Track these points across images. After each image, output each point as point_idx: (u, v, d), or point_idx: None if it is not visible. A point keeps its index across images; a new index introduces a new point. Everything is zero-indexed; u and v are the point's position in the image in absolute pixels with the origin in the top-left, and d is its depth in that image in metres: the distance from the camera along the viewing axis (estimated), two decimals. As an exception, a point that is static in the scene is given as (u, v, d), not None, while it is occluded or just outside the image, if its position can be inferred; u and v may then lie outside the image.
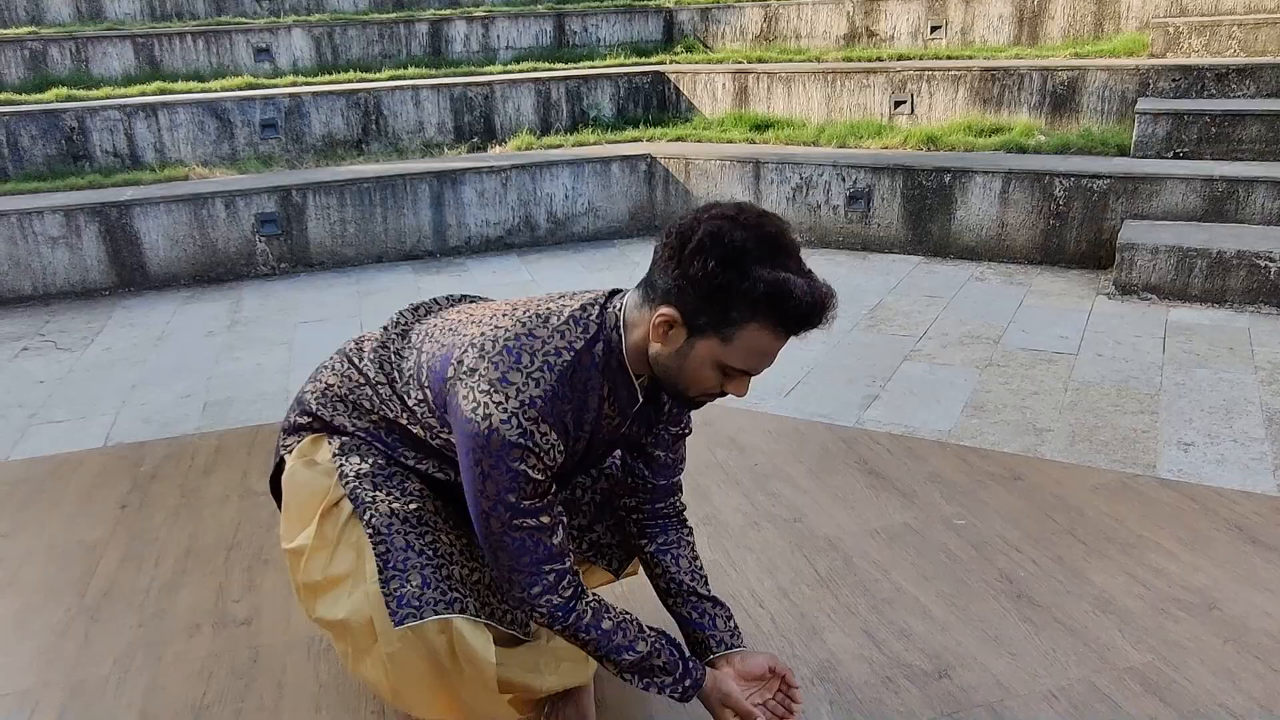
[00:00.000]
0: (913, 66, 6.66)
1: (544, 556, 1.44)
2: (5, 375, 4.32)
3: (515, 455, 1.36)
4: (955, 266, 5.39)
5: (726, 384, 1.42)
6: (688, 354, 1.39)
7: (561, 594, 1.47)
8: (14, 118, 6.30)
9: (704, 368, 1.39)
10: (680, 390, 1.45)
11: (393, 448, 1.61)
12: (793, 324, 1.34)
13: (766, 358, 1.38)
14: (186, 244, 5.67)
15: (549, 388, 1.38)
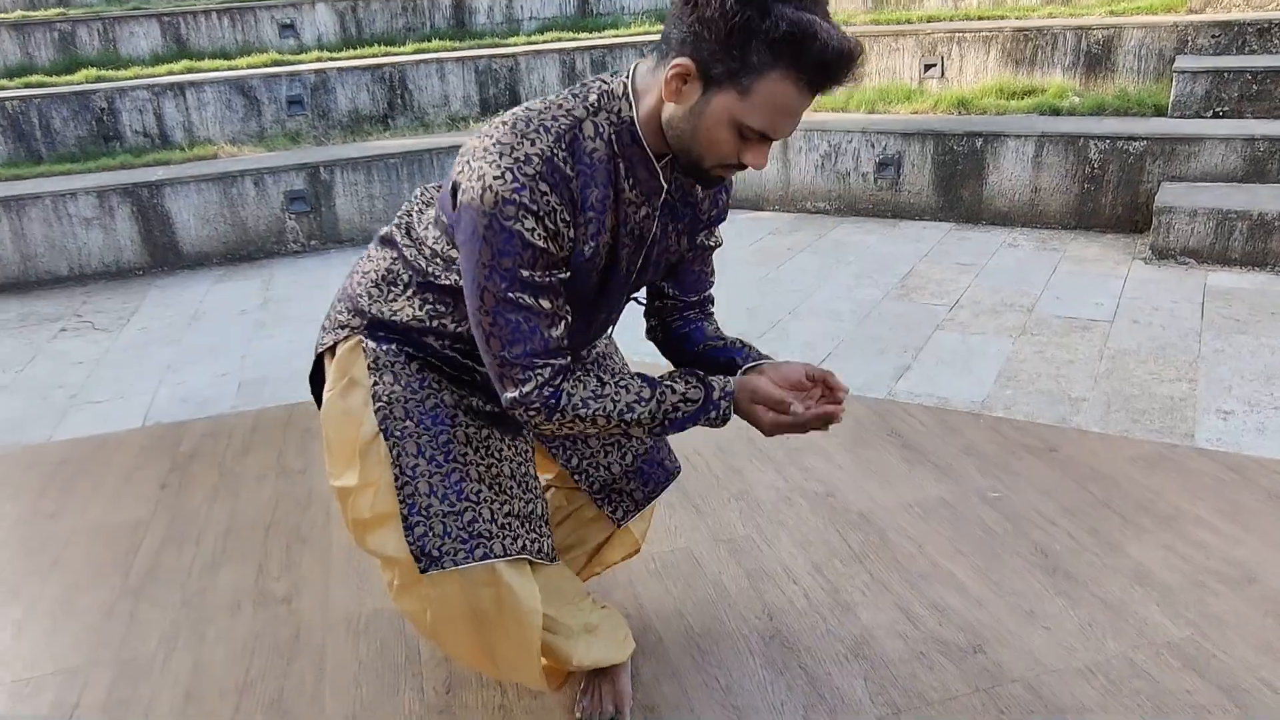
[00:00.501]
0: (943, 28, 6.53)
1: (539, 348, 1.35)
2: (45, 357, 4.39)
3: (510, 213, 1.27)
4: (987, 233, 5.32)
5: (744, 151, 1.31)
6: (703, 111, 1.28)
7: (552, 384, 1.38)
8: (46, 100, 6.35)
9: (720, 127, 1.28)
10: (696, 158, 1.34)
11: (424, 336, 1.54)
12: (816, 74, 1.23)
13: (787, 116, 1.27)
14: (217, 222, 5.71)
15: (545, 147, 1.30)
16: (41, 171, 6.10)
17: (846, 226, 5.59)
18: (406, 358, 1.55)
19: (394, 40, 7.72)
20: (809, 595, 2.16)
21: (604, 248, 1.40)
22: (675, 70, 1.27)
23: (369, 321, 1.56)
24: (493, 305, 1.32)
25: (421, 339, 1.54)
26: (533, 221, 1.28)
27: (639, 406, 1.42)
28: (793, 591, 2.18)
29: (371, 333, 1.56)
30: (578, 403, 1.39)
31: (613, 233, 1.40)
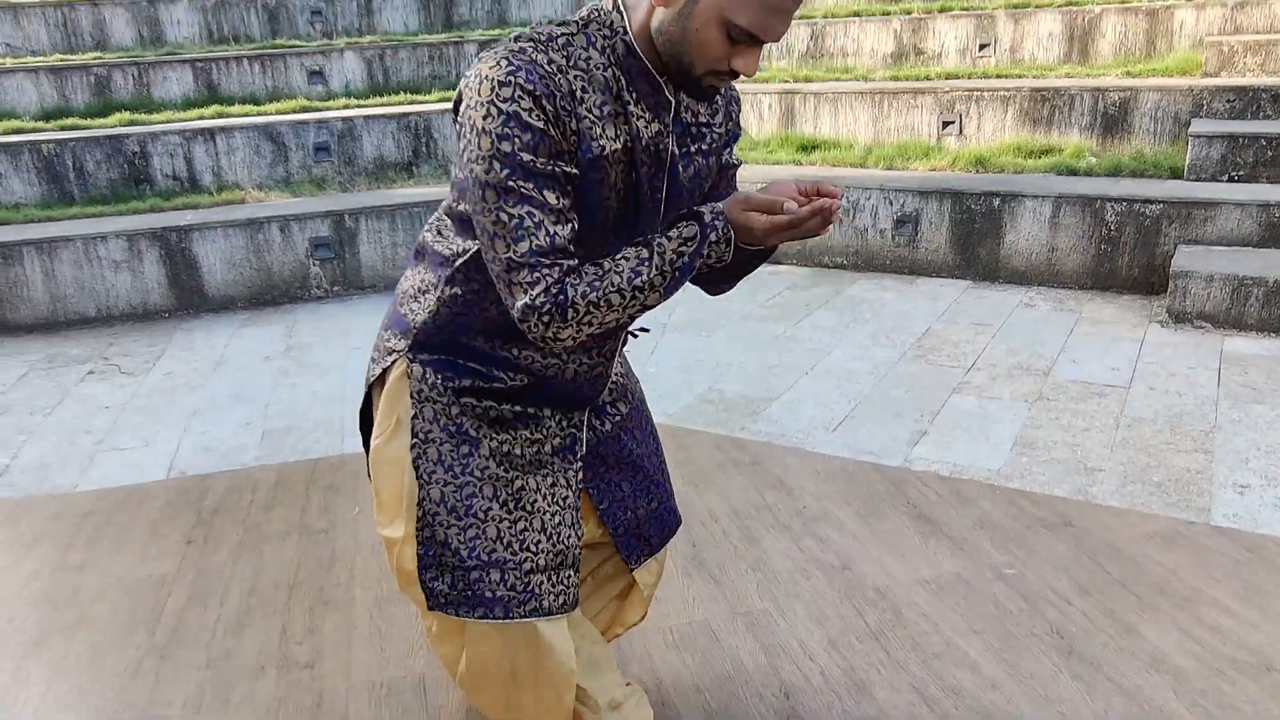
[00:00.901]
0: (961, 86, 6.62)
1: (545, 244, 1.31)
2: (73, 399, 4.47)
3: (506, 94, 1.27)
4: (1004, 292, 5.36)
5: (734, 58, 1.31)
6: (691, 12, 1.29)
7: (559, 284, 1.34)
8: (80, 143, 6.50)
9: (710, 27, 1.28)
10: (687, 64, 1.33)
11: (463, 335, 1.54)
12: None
13: (777, 14, 1.27)
14: (243, 267, 5.81)
15: (539, 46, 1.32)
16: (74, 213, 6.23)
17: (864, 282, 5.64)
18: (451, 392, 1.55)
19: (420, 89, 7.87)
20: (825, 673, 2.18)
21: (614, 156, 1.37)
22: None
23: (413, 340, 1.57)
24: (495, 200, 1.30)
25: (461, 340, 1.54)
26: (529, 102, 1.27)
27: (644, 269, 1.37)
28: (809, 669, 2.20)
29: (416, 353, 1.57)
30: (585, 289, 1.34)
31: (626, 148, 1.39)
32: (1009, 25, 7.42)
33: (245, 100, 7.59)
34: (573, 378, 1.59)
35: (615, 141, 1.37)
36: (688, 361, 4.44)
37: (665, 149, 1.43)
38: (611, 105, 1.36)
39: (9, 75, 7.48)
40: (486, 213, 1.32)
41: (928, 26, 7.74)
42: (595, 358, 1.59)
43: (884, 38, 7.91)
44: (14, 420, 4.25)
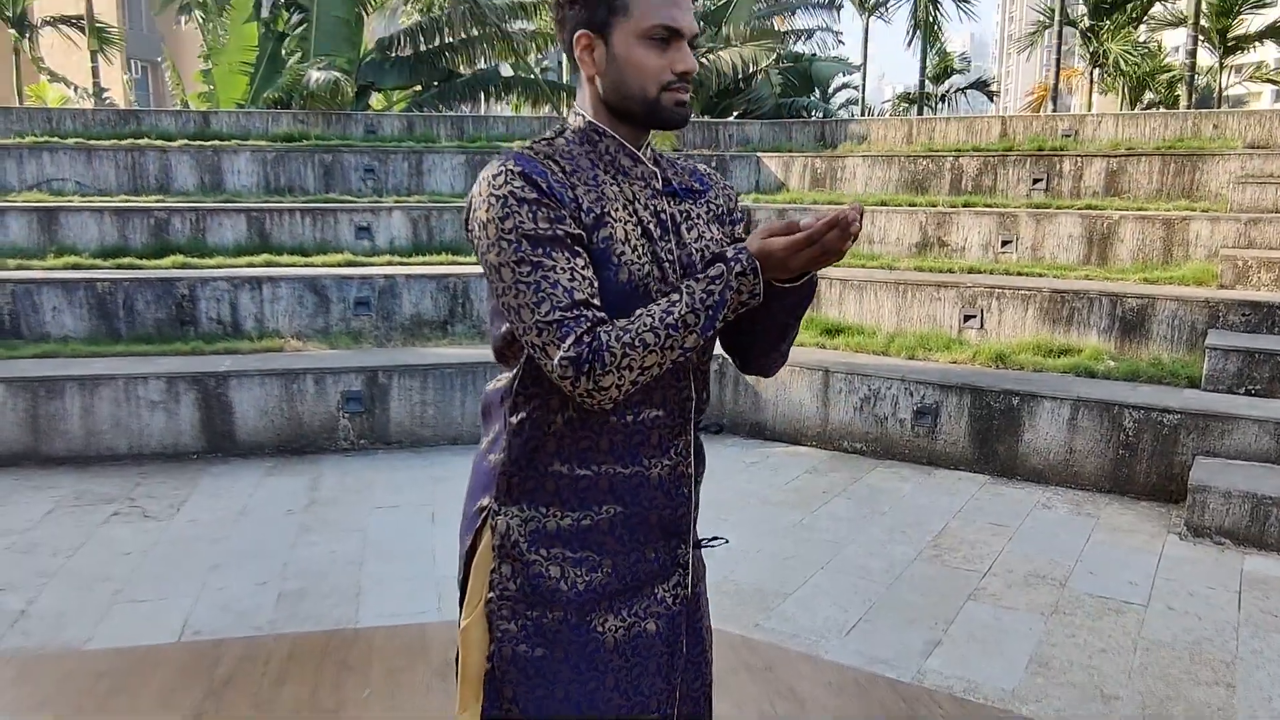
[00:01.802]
0: (983, 282, 6.83)
1: (566, 300, 1.36)
2: (95, 543, 4.53)
3: (501, 180, 1.38)
4: (1022, 490, 5.38)
5: (671, 64, 1.44)
6: (615, 54, 1.44)
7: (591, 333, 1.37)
8: (134, 283, 6.79)
9: (635, 51, 1.43)
10: (641, 94, 1.46)
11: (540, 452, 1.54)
12: None
13: (671, 4, 1.43)
14: (274, 415, 5.95)
15: (525, 149, 1.45)
16: (118, 350, 6.45)
17: (882, 471, 5.69)
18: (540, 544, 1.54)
19: (461, 249, 8.20)
20: None
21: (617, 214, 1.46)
22: (579, 45, 1.47)
23: (497, 489, 1.56)
24: (512, 276, 1.37)
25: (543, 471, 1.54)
26: (522, 180, 1.38)
27: (675, 308, 1.40)
28: None
29: (503, 504, 1.55)
30: (618, 334, 1.37)
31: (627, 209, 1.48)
32: (1030, 225, 7.71)
33: (294, 250, 7.93)
34: (659, 485, 1.56)
35: (615, 203, 1.47)
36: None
37: (664, 210, 1.53)
38: (603, 177, 1.48)
39: (75, 213, 7.88)
40: (507, 291, 1.38)
41: (952, 220, 8.05)
42: (673, 456, 1.58)
43: (909, 228, 8.22)
44: (36, 561, 4.31)
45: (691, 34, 1.48)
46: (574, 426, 1.52)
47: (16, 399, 5.71)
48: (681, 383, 1.58)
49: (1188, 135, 8.88)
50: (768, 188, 10.14)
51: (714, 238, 1.60)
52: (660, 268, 1.50)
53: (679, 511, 1.61)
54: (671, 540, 1.61)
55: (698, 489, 1.66)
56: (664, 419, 1.56)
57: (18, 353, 6.30)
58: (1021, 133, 9.77)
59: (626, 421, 1.53)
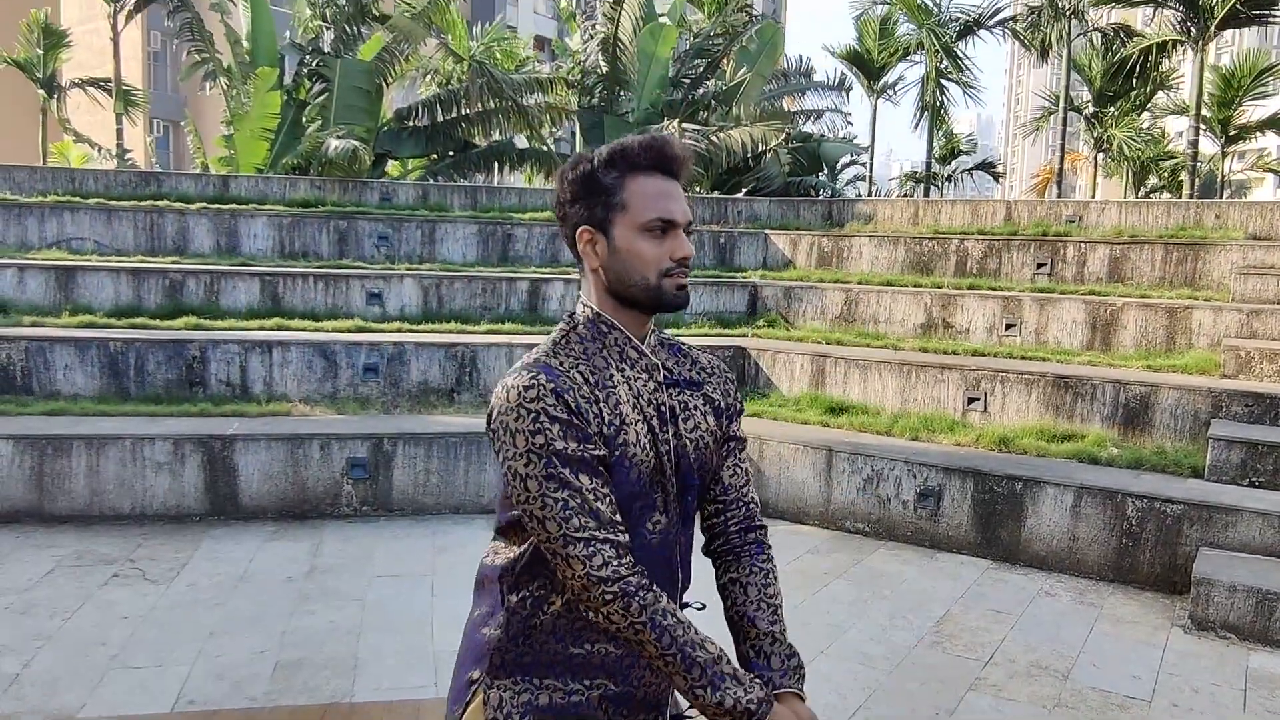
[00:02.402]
0: (987, 366, 6.88)
1: (593, 522, 1.46)
2: (93, 605, 4.52)
3: (532, 395, 1.46)
4: (1025, 576, 5.35)
5: (670, 252, 1.56)
6: (617, 247, 1.55)
7: (629, 568, 1.46)
8: (146, 344, 6.87)
9: (635, 242, 1.55)
10: (643, 282, 1.55)
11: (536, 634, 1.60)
12: (645, 159, 1.56)
13: (664, 197, 1.56)
14: (279, 480, 5.97)
15: (544, 353, 1.55)
16: (126, 410, 6.49)
17: (884, 553, 5.67)
18: (525, 713, 1.58)
19: (470, 319, 8.29)
20: None
21: (630, 418, 1.55)
22: (583, 240, 1.58)
23: (489, 663, 1.61)
24: (538, 489, 1.46)
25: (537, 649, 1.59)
26: (553, 399, 1.47)
27: (701, 653, 1.48)
28: None
29: (494, 678, 1.61)
30: (661, 611, 1.47)
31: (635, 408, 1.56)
32: (1035, 309, 7.79)
33: (305, 314, 8.03)
34: (649, 664, 1.60)
35: (627, 404, 1.55)
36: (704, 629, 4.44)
37: (664, 404, 1.62)
38: (615, 376, 1.57)
39: (93, 272, 8.01)
40: (532, 501, 1.47)
41: (957, 303, 8.13)
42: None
43: (914, 309, 8.30)
44: (34, 623, 4.29)
45: (685, 222, 1.59)
46: (571, 607, 1.58)
47: (24, 456, 5.75)
48: (673, 567, 1.66)
49: (1190, 224, 9.01)
50: (775, 265, 10.27)
51: (710, 428, 1.68)
52: (660, 459, 1.59)
53: (663, 686, 1.68)
54: (651, 713, 1.68)
55: None
56: None
57: (28, 409, 6.35)
58: (1026, 217, 9.91)
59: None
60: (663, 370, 1.63)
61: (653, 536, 1.59)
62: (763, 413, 7.03)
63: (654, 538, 1.59)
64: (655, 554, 1.59)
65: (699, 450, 1.65)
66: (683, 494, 1.63)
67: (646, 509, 1.58)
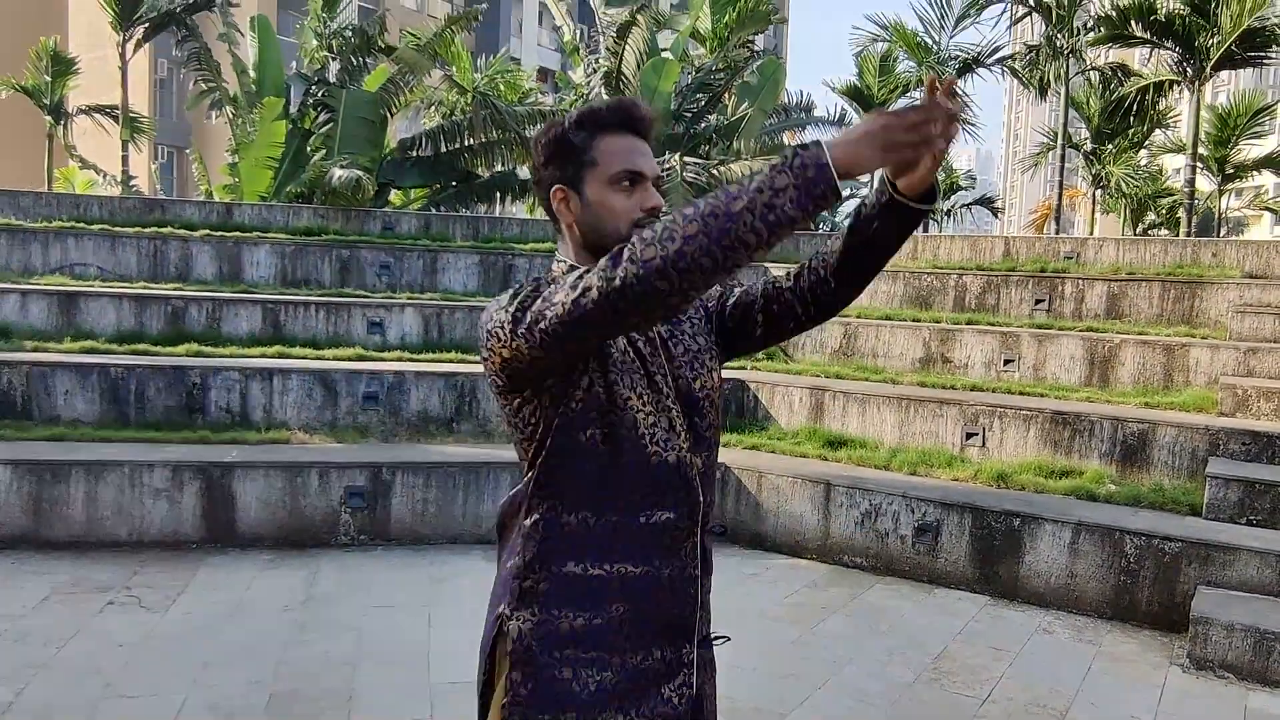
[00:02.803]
0: (985, 401, 6.90)
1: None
2: (88, 634, 4.50)
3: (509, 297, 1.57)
4: (1023, 613, 5.34)
5: (640, 202, 1.62)
6: (589, 201, 1.63)
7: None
8: (147, 370, 6.89)
9: (606, 195, 1.62)
10: (616, 233, 1.58)
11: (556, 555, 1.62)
12: (613, 119, 1.65)
13: (633, 153, 1.63)
14: (277, 508, 5.97)
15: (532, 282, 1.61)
16: (126, 435, 6.50)
17: (882, 589, 5.66)
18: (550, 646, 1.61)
19: (470, 349, 8.30)
20: None
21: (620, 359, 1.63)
22: (556, 199, 1.66)
23: (511, 594, 1.65)
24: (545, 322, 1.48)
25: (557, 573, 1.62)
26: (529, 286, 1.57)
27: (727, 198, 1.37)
28: None
29: (515, 609, 1.64)
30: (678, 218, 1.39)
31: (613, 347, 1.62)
32: (1033, 345, 7.82)
33: (307, 342, 8.05)
34: (668, 585, 1.64)
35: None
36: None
37: (652, 333, 1.70)
38: None
39: (95, 298, 8.05)
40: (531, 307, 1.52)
41: (955, 338, 8.17)
42: (682, 558, 1.66)
43: (913, 343, 8.33)
44: (28, 651, 4.28)
45: (653, 176, 1.67)
46: (587, 526, 1.62)
47: (21, 481, 5.75)
48: (691, 485, 1.67)
49: (1187, 262, 9.06)
50: (774, 297, 10.30)
51: (701, 347, 1.77)
52: (652, 381, 1.65)
53: (685, 611, 1.68)
54: (677, 640, 1.67)
55: (705, 591, 1.73)
56: (675, 521, 1.65)
57: (27, 434, 6.36)
58: (1024, 253, 9.97)
59: (639, 522, 1.63)
60: None
61: (668, 454, 1.63)
62: (761, 445, 7.03)
63: (669, 454, 1.63)
64: (672, 471, 1.64)
65: (695, 368, 1.72)
66: (690, 413, 1.69)
67: (656, 427, 1.63)
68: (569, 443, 1.61)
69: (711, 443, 1.74)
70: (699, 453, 1.69)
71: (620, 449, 1.61)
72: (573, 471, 1.62)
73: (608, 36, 13.04)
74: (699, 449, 1.69)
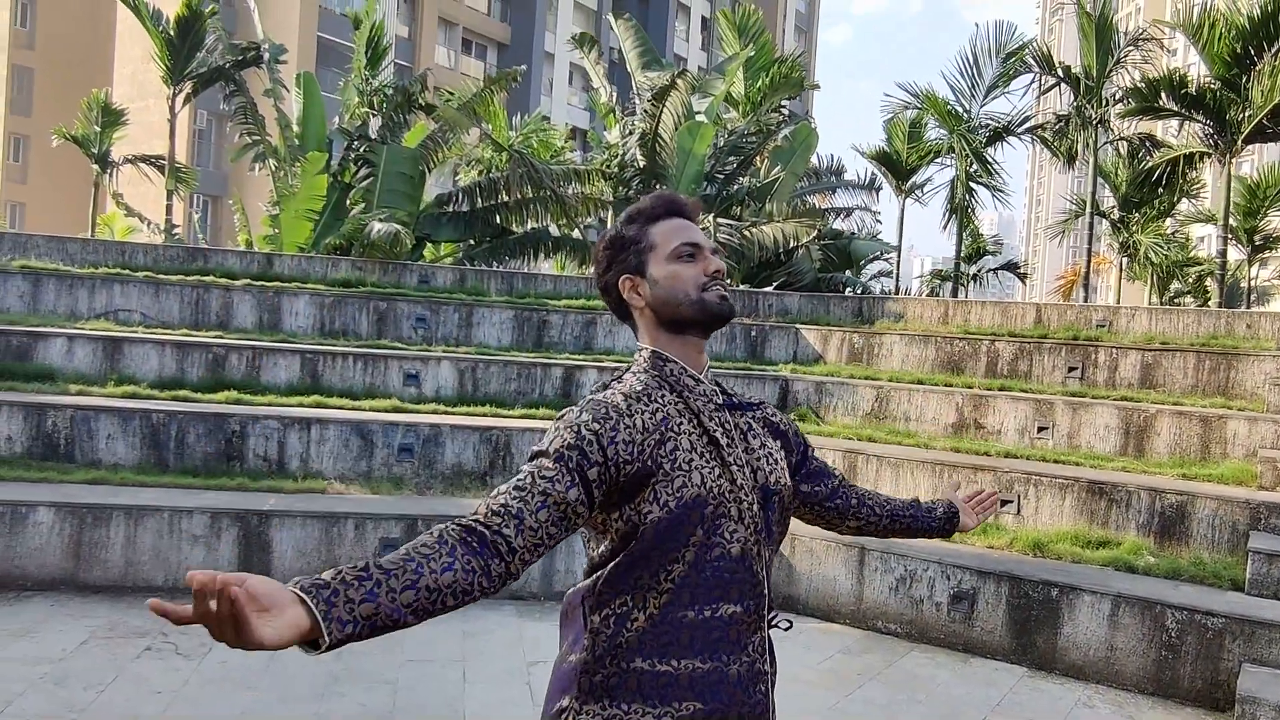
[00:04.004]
0: (1020, 468, 6.87)
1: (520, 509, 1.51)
2: (126, 680, 4.52)
3: (568, 419, 1.63)
4: (1061, 686, 5.25)
5: (704, 269, 1.75)
6: (656, 279, 1.75)
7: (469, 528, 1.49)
8: (188, 416, 6.99)
9: (670, 270, 1.74)
10: (686, 298, 1.73)
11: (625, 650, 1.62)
12: (660, 209, 1.81)
13: (687, 229, 1.79)
14: (312, 557, 6.00)
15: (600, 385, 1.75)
16: (165, 481, 6.57)
17: (917, 656, 5.59)
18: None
19: (505, 402, 8.39)
20: None
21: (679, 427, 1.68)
22: (626, 289, 1.78)
23: (578, 689, 1.63)
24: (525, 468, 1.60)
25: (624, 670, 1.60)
26: (570, 434, 1.59)
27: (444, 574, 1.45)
28: None
29: (583, 703, 1.62)
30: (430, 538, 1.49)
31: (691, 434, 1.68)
32: (1067, 413, 7.79)
33: (344, 393, 8.15)
34: (738, 682, 1.63)
35: (678, 419, 1.68)
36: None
37: (728, 422, 1.75)
38: (669, 396, 1.71)
39: (139, 344, 8.19)
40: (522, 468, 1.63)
41: (989, 404, 8.16)
42: (750, 653, 1.66)
43: (945, 408, 8.33)
44: (69, 694, 4.31)
45: (709, 247, 1.80)
46: (655, 623, 1.61)
47: (64, 523, 5.82)
48: (757, 577, 1.68)
49: (1221, 333, 9.04)
50: (805, 359, 10.35)
51: (774, 449, 1.81)
52: (729, 472, 1.67)
53: (756, 711, 1.66)
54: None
55: (773, 689, 1.71)
56: (741, 615, 1.65)
57: (69, 476, 6.45)
58: (1056, 320, 9.98)
59: (705, 617, 1.62)
60: (721, 394, 1.78)
61: (731, 545, 1.64)
62: (794, 507, 7.01)
63: (733, 546, 1.64)
64: (736, 561, 1.65)
65: (770, 464, 1.76)
66: (764, 506, 1.71)
67: (721, 517, 1.64)
68: (642, 547, 1.62)
69: (779, 537, 1.78)
70: (767, 544, 1.71)
71: (689, 544, 1.62)
72: (645, 570, 1.62)
73: (644, 99, 13.31)
74: (768, 540, 1.71)
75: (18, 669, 4.56)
